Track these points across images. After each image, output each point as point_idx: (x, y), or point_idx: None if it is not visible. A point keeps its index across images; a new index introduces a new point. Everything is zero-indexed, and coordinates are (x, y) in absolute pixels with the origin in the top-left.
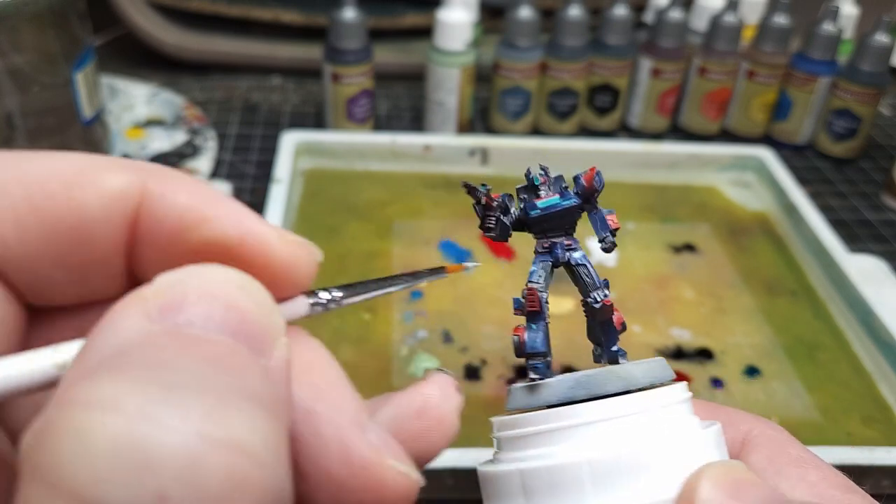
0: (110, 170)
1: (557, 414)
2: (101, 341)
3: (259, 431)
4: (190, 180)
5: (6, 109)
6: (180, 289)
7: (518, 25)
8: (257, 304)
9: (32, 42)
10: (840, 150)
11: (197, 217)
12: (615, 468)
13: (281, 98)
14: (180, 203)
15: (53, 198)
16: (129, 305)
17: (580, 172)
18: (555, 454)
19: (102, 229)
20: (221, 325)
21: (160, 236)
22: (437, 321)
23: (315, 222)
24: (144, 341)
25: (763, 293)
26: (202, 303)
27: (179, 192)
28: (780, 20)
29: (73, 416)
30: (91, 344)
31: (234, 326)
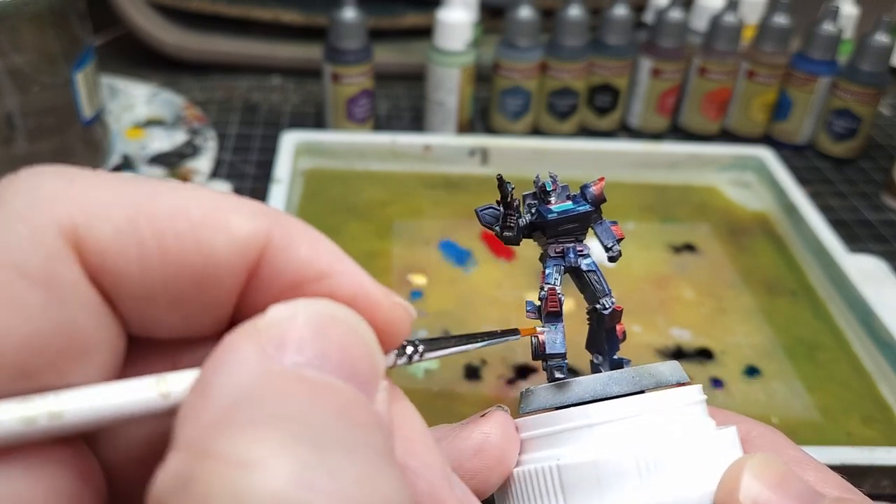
0: (239, 213)
1: (596, 410)
2: (221, 380)
3: (399, 490)
4: (311, 232)
5: (6, 109)
6: (295, 324)
7: (518, 25)
8: (367, 346)
9: (32, 42)
10: (840, 150)
11: (316, 272)
12: (655, 463)
13: (281, 98)
14: (302, 256)
15: (181, 238)
16: (244, 339)
17: (589, 182)
18: (592, 449)
19: (226, 274)
20: (338, 367)
21: (277, 285)
22: (438, 321)
23: (315, 222)
24: (270, 385)
25: (763, 293)
26: (318, 341)
27: (302, 244)
28: (780, 20)
29: (223, 473)
30: (211, 381)
31: (348, 369)
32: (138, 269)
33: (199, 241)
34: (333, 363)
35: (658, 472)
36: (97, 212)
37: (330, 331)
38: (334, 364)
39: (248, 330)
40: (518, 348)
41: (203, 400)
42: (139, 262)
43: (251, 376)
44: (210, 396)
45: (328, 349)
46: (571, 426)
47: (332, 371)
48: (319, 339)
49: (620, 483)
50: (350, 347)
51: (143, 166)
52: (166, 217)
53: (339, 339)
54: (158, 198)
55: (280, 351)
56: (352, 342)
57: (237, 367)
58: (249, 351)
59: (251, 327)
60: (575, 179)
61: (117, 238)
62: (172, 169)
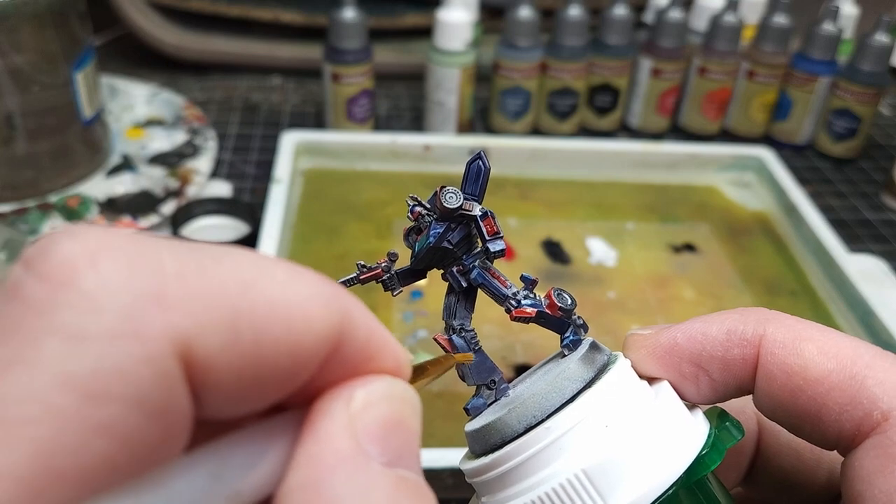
0: (319, 304)
1: (531, 440)
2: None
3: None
4: (367, 315)
5: (6, 109)
6: (378, 411)
7: (518, 25)
8: (419, 420)
9: (32, 42)
10: (840, 150)
11: (368, 356)
12: (608, 467)
13: (281, 98)
14: (361, 341)
15: (278, 344)
16: (338, 428)
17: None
18: (552, 475)
19: (306, 368)
20: (410, 458)
21: (342, 369)
22: (438, 321)
23: (315, 222)
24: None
25: (763, 293)
26: (397, 431)
27: (361, 328)
28: (780, 20)
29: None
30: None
31: (412, 453)
32: (237, 378)
33: (291, 343)
34: (409, 452)
35: (610, 479)
36: (203, 319)
37: (404, 416)
38: (409, 452)
39: (339, 414)
40: (518, 347)
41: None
42: (239, 372)
43: (364, 484)
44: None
45: (405, 437)
46: (515, 463)
47: (408, 462)
48: (400, 428)
49: (612, 486)
50: (415, 429)
51: (142, 166)
52: (264, 320)
53: (409, 424)
54: (252, 291)
55: (374, 446)
56: (415, 422)
57: (348, 471)
58: (347, 444)
59: (342, 411)
60: (575, 179)
61: (224, 351)
62: (172, 169)
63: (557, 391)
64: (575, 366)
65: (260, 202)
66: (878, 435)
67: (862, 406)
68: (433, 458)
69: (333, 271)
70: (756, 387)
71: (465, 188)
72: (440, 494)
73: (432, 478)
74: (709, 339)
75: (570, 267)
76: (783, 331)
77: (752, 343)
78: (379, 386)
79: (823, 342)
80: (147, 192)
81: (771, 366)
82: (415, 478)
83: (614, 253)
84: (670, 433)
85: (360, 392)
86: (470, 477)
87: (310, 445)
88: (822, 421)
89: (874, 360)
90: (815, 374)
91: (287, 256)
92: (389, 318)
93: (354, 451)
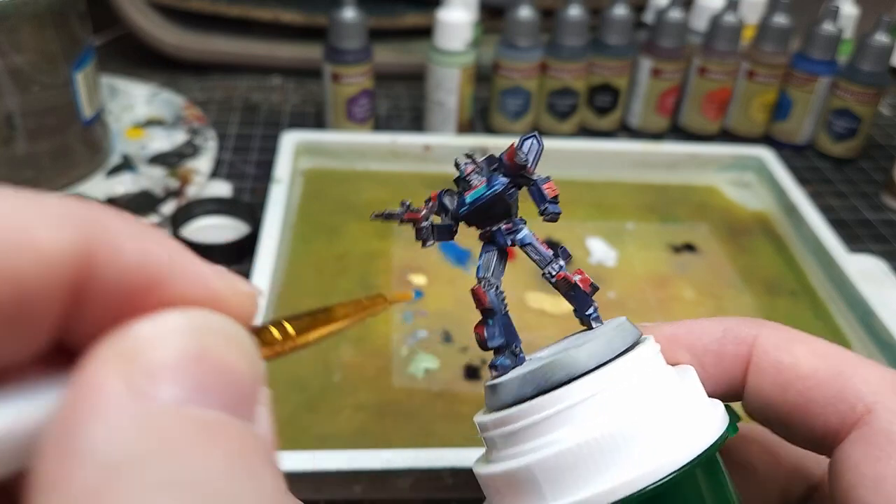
0: (50, 226)
1: (541, 404)
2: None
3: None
4: (136, 227)
5: (6, 109)
6: (168, 346)
7: (518, 25)
8: (248, 358)
9: (32, 42)
10: (840, 150)
11: (149, 277)
12: (615, 442)
13: (281, 98)
14: (129, 261)
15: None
16: (110, 374)
17: (502, 152)
18: (561, 439)
19: (41, 302)
20: (222, 394)
21: (108, 301)
22: (437, 321)
23: (315, 222)
24: (152, 438)
25: (763, 293)
26: (198, 365)
27: (128, 245)
28: (780, 20)
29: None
30: (78, 436)
31: (232, 393)
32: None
33: (4, 268)
34: (216, 390)
35: (614, 453)
36: None
37: (210, 350)
38: (218, 390)
39: (112, 359)
40: None
41: (67, 463)
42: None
43: (129, 428)
44: (81, 457)
45: (209, 373)
46: (528, 422)
47: (215, 400)
48: (199, 363)
49: (588, 468)
50: (232, 365)
51: (143, 166)
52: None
53: (219, 359)
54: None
55: (155, 384)
56: (233, 358)
57: (109, 415)
58: (119, 389)
59: (116, 355)
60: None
61: None
62: (172, 169)
63: (591, 355)
64: (613, 332)
65: (260, 202)
66: (863, 427)
67: (847, 400)
68: (433, 457)
69: (333, 271)
70: (747, 384)
71: None
72: (440, 494)
73: (432, 478)
74: (706, 333)
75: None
76: (776, 334)
77: (746, 342)
78: (169, 318)
79: (814, 345)
80: (147, 192)
81: (763, 362)
82: (222, 417)
83: (614, 253)
84: (695, 410)
85: (142, 327)
86: (484, 430)
87: (73, 390)
88: (810, 414)
89: (860, 361)
90: (805, 371)
91: (287, 256)
92: (389, 319)
93: (122, 392)
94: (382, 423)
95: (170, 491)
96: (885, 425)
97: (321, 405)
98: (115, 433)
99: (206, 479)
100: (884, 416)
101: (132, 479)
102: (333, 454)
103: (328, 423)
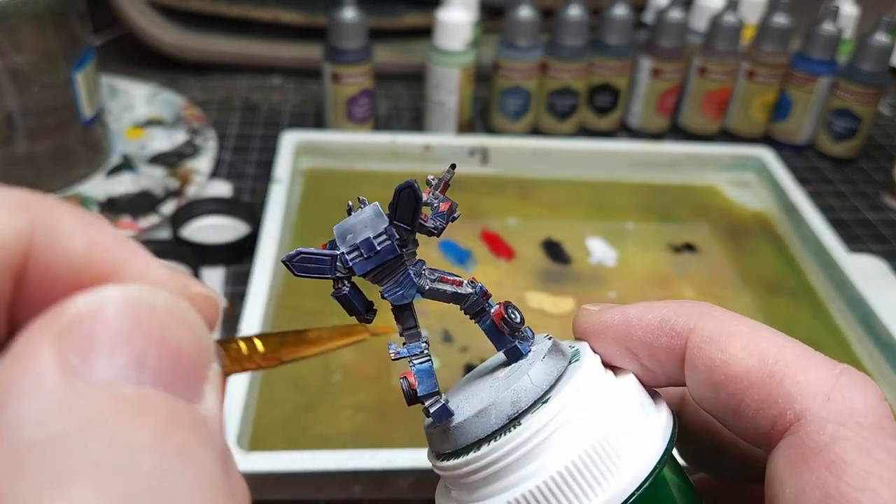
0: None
1: (510, 439)
2: (15, 409)
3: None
4: (85, 219)
5: (6, 109)
6: (104, 320)
7: (518, 25)
8: (192, 331)
9: (32, 42)
10: (840, 150)
11: (98, 271)
12: (592, 460)
13: (281, 98)
14: (76, 251)
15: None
16: (42, 346)
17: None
18: (533, 473)
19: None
20: (160, 369)
21: (52, 287)
22: (438, 321)
23: (315, 222)
24: (76, 418)
25: (763, 293)
26: (134, 340)
27: (76, 237)
28: (780, 20)
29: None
30: (2, 409)
31: (171, 368)
32: None
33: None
34: (153, 366)
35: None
36: None
37: (148, 324)
38: (154, 367)
39: (45, 332)
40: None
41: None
42: None
43: (55, 405)
44: (2, 433)
45: (146, 349)
46: (516, 447)
47: (151, 377)
48: (136, 338)
49: (571, 494)
50: (173, 340)
51: (142, 166)
52: None
53: (159, 333)
54: None
55: (87, 360)
56: (174, 333)
57: (37, 391)
58: (49, 363)
59: (49, 328)
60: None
61: None
62: (172, 169)
63: (526, 391)
64: (542, 364)
65: (260, 202)
66: (791, 436)
67: (777, 405)
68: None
69: None
70: (685, 378)
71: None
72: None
73: (432, 478)
74: (642, 325)
75: (570, 267)
76: (712, 325)
77: (681, 335)
78: (106, 291)
79: (749, 339)
80: (147, 192)
81: (696, 359)
82: (156, 395)
83: (614, 253)
84: (641, 420)
85: (78, 300)
86: (443, 472)
87: (5, 362)
88: (741, 417)
89: (796, 360)
90: (736, 371)
91: None
92: (389, 318)
93: (51, 368)
94: (382, 423)
95: (90, 472)
96: (811, 436)
97: (321, 405)
98: (41, 410)
99: (130, 460)
100: (811, 425)
101: (53, 459)
102: (333, 454)
103: (328, 423)
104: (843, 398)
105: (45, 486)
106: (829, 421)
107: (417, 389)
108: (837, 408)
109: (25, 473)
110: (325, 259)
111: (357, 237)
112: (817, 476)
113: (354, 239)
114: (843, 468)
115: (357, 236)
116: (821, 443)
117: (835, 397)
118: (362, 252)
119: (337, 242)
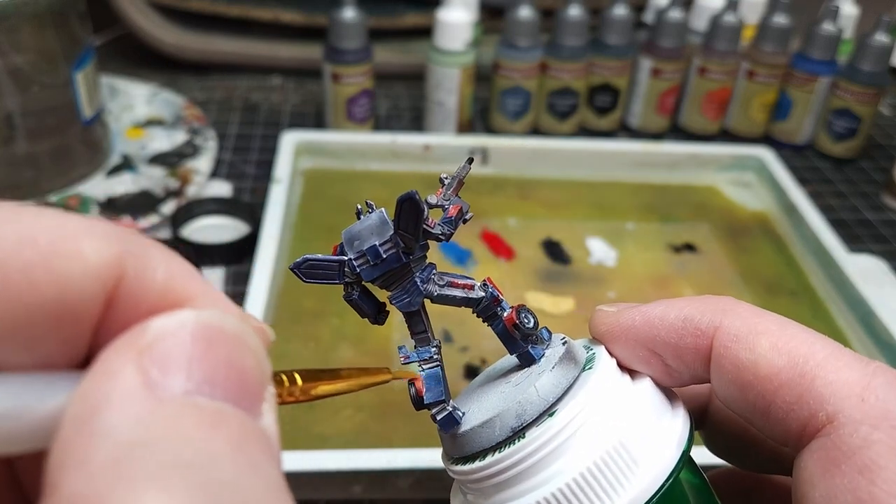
0: (92, 237)
1: (526, 443)
2: (106, 416)
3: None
4: (168, 256)
5: (6, 109)
6: (181, 341)
7: (518, 25)
8: (255, 356)
9: (32, 42)
10: (840, 150)
11: (174, 298)
12: (610, 462)
13: (281, 98)
14: (158, 282)
15: (30, 271)
16: (125, 362)
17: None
18: (560, 472)
19: (83, 305)
20: (228, 387)
21: (135, 314)
22: (438, 321)
23: (315, 222)
24: (161, 424)
25: (763, 293)
26: (207, 359)
27: (158, 269)
28: (780, 20)
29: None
30: (94, 418)
31: (238, 387)
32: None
33: (52, 271)
34: (223, 383)
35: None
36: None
37: (219, 345)
38: (224, 383)
39: (127, 349)
40: None
41: (86, 441)
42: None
43: (140, 414)
44: (99, 437)
45: (217, 367)
46: (533, 451)
47: (222, 393)
48: (209, 357)
49: (595, 493)
50: (239, 361)
51: (142, 166)
52: (11, 248)
53: (228, 354)
54: (6, 225)
55: (166, 375)
56: (241, 355)
57: (123, 401)
58: (133, 377)
59: (131, 346)
60: (575, 179)
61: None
62: (172, 169)
63: (532, 403)
64: (551, 375)
65: (260, 202)
66: (822, 437)
67: (808, 406)
68: (433, 457)
69: None
70: (711, 379)
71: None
72: (440, 494)
73: (432, 478)
74: (665, 325)
75: (570, 267)
76: (739, 323)
77: (707, 334)
78: (182, 314)
79: (778, 337)
80: (147, 192)
81: (722, 359)
82: (227, 408)
83: (614, 253)
84: (656, 425)
85: (156, 322)
86: (454, 475)
87: (90, 380)
88: (770, 418)
89: (827, 359)
90: (766, 371)
91: (287, 256)
92: (389, 318)
93: (136, 382)
94: (382, 423)
95: (177, 470)
96: (844, 438)
97: (321, 405)
98: (130, 418)
99: (209, 463)
100: (844, 427)
101: (144, 458)
102: (333, 454)
103: (328, 423)
104: (878, 399)
105: (140, 484)
106: (862, 423)
107: (424, 396)
108: (871, 409)
109: (123, 473)
110: (333, 265)
111: (364, 244)
112: (849, 480)
113: (361, 245)
114: (876, 472)
115: (364, 243)
116: (854, 445)
117: (868, 398)
118: (369, 259)
119: (345, 247)
